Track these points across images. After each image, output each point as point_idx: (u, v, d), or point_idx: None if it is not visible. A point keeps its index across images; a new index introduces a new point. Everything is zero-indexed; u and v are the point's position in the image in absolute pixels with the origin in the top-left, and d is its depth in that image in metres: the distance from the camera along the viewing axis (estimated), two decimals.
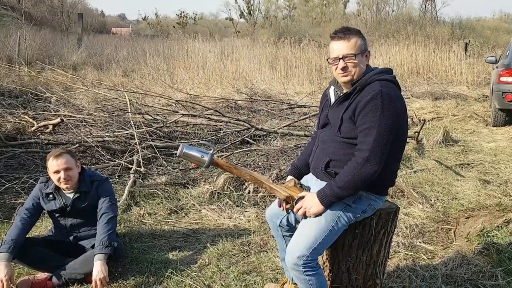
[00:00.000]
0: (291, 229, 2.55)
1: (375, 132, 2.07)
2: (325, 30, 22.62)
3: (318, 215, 2.20)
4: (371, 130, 2.07)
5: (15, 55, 13.17)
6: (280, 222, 2.54)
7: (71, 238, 3.10)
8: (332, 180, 2.18)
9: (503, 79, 7.62)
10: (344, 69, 2.21)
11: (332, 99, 2.35)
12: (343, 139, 2.21)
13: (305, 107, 8.61)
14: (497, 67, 8.37)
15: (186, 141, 6.31)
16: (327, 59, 2.31)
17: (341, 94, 2.27)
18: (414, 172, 5.19)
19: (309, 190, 2.40)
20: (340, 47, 2.21)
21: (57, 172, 2.94)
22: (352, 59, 2.19)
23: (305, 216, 2.26)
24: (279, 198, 2.40)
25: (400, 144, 2.24)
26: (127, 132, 6.01)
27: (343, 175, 2.13)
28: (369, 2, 31.93)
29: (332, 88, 2.39)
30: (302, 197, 2.26)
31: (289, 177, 2.49)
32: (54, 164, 2.94)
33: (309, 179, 2.49)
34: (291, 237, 2.49)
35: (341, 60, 2.20)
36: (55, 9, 31.14)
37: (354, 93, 2.18)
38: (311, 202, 2.21)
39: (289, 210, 2.37)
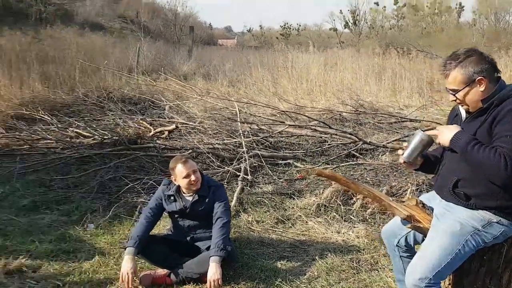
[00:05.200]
0: (409, 249, 2.44)
1: None
2: (436, 40, 21.40)
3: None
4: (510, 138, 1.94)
5: (134, 65, 14.38)
6: (398, 242, 2.44)
7: (188, 238, 3.28)
8: (474, 141, 2.00)
9: None
10: (456, 99, 2.16)
11: (463, 115, 2.21)
12: None
13: (416, 121, 8.20)
14: None
15: (290, 151, 6.39)
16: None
17: (476, 109, 2.12)
18: None
19: (432, 211, 2.29)
20: (445, 81, 2.18)
21: (188, 175, 3.15)
22: (454, 95, 2.14)
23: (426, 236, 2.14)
24: (399, 217, 2.32)
25: None
26: (235, 140, 6.23)
27: (482, 153, 1.95)
28: (486, 11, 29.58)
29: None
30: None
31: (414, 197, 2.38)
32: (184, 169, 3.15)
33: (432, 199, 2.37)
34: (409, 258, 2.39)
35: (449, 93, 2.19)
36: (169, 22, 33.40)
37: (491, 108, 2.04)
38: (446, 134, 2.10)
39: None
